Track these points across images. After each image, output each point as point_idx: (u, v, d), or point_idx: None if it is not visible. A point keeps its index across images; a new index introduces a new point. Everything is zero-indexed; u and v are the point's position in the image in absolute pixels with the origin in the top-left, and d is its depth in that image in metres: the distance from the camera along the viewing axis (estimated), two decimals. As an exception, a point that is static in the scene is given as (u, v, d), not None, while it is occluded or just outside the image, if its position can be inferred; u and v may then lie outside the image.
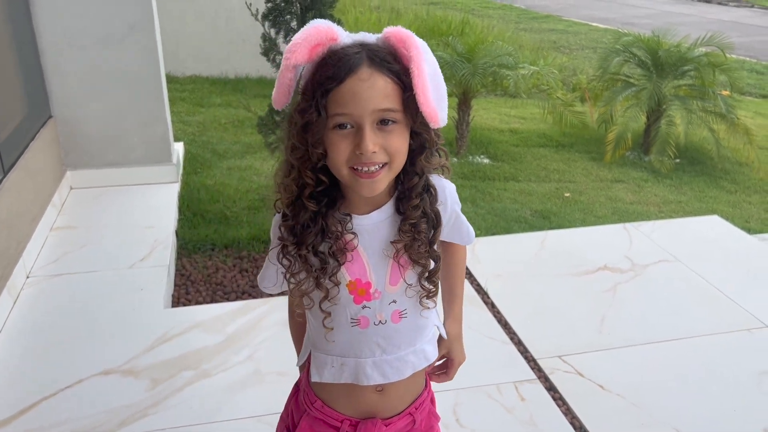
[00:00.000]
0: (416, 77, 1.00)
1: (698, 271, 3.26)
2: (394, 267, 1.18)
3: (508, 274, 3.24)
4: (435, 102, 1.03)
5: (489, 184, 4.68)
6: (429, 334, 1.30)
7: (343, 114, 1.02)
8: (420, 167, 1.12)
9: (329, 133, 1.05)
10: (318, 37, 1.01)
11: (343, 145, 1.04)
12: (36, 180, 3.27)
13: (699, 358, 2.63)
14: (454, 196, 1.25)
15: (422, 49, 1.03)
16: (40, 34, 3.51)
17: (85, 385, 2.27)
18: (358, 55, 1.02)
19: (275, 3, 2.81)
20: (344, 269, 1.16)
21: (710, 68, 5.46)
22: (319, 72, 1.03)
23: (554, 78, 5.63)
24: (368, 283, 1.18)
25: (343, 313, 1.20)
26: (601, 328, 2.81)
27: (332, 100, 1.02)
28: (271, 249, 1.22)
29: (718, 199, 4.66)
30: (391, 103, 1.03)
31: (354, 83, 1.01)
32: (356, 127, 1.03)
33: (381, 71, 1.02)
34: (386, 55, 1.04)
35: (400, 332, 1.23)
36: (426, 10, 12.16)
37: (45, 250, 3.12)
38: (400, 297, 1.20)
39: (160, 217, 3.48)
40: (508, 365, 2.50)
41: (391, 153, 1.06)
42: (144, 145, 3.85)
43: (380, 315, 1.20)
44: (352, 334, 1.22)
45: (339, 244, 1.14)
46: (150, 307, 2.72)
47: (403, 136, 1.07)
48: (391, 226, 1.16)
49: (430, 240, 1.17)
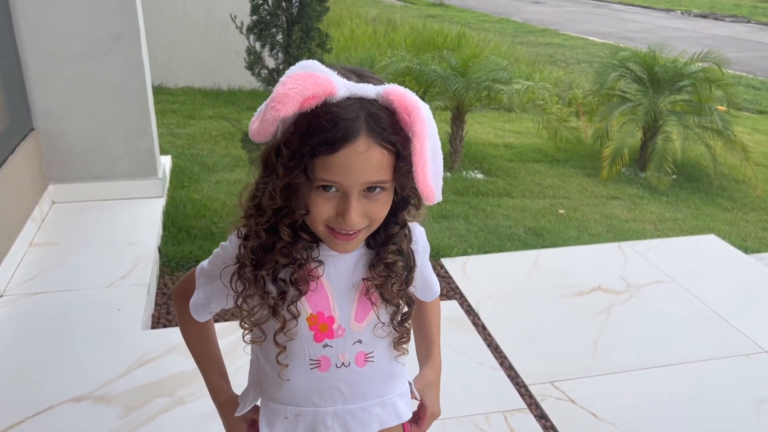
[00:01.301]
0: (417, 155, 0.92)
1: (695, 293, 3.18)
2: (362, 302, 1.08)
3: (499, 294, 3.15)
4: (433, 180, 0.95)
5: (482, 200, 4.60)
6: (401, 387, 1.20)
7: (332, 181, 0.94)
8: (402, 219, 1.06)
9: (312, 192, 0.96)
10: (313, 89, 0.90)
11: (325, 207, 0.96)
12: (15, 194, 3.18)
13: (696, 384, 2.54)
14: (424, 240, 1.18)
15: (427, 121, 0.93)
16: (22, 45, 3.43)
17: (55, 413, 2.16)
18: (356, 121, 0.91)
19: (261, 16, 2.74)
20: (305, 300, 1.06)
21: (707, 84, 5.40)
22: (310, 130, 0.92)
23: (549, 93, 5.57)
24: (331, 317, 1.07)
25: (302, 353, 1.09)
26: (595, 353, 2.73)
27: (321, 165, 0.93)
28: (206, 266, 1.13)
29: (715, 216, 4.58)
30: (384, 175, 0.95)
31: (349, 154, 0.91)
32: (342, 193, 0.95)
33: (379, 143, 0.92)
34: (385, 122, 0.93)
35: (366, 378, 1.13)
36: (423, 23, 12.14)
37: (22, 267, 3.02)
38: (367, 336, 1.10)
39: (143, 233, 3.39)
40: (498, 392, 2.40)
41: (372, 219, 0.99)
42: (129, 158, 3.76)
43: (343, 356, 1.10)
44: (310, 379, 1.11)
45: (302, 272, 1.04)
46: (127, 328, 2.62)
47: (388, 202, 1.00)
48: (359, 258, 1.08)
49: (405, 280, 1.08)
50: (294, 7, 2.79)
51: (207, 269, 1.14)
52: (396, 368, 1.17)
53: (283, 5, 2.72)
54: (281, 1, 2.78)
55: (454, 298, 3.10)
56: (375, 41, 9.59)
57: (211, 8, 6.72)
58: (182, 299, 1.21)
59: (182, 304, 1.21)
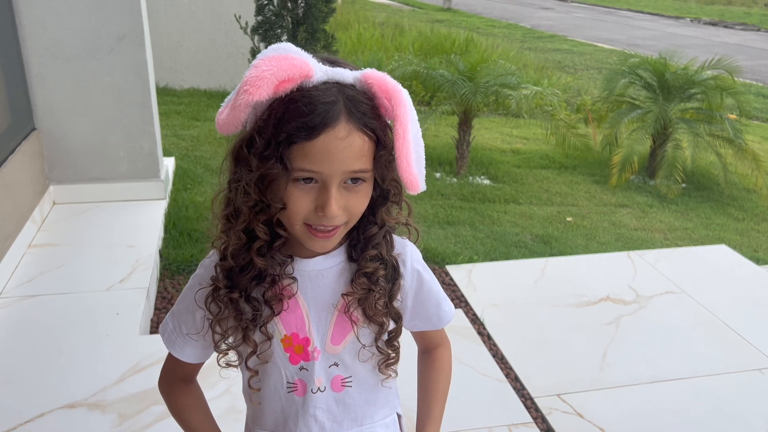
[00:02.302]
0: (400, 140, 0.86)
1: (705, 304, 3.10)
2: (339, 322, 1.00)
3: (505, 303, 3.09)
4: (416, 167, 0.89)
5: (489, 207, 4.53)
6: (386, 416, 1.11)
7: (311, 171, 0.87)
8: (381, 218, 0.98)
9: (289, 185, 0.89)
10: (289, 72, 0.84)
11: (303, 201, 0.89)
12: (14, 194, 3.14)
13: (706, 399, 2.47)
14: (415, 256, 1.08)
15: (408, 106, 0.88)
16: (24, 45, 3.39)
17: (48, 420, 2.11)
18: (335, 106, 0.85)
19: (265, 16, 2.69)
20: (279, 321, 0.99)
21: (718, 91, 5.32)
22: (286, 115, 0.86)
23: (558, 99, 5.50)
24: (306, 338, 1.00)
25: (278, 376, 1.02)
26: (603, 365, 2.66)
27: (299, 152, 0.86)
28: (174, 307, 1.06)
29: (726, 226, 4.50)
30: (365, 164, 0.89)
31: (329, 141, 0.85)
32: (321, 184, 0.88)
33: (359, 128, 0.87)
34: (365, 106, 0.88)
35: (343, 404, 1.05)
36: (430, 27, 12.09)
37: (20, 268, 2.97)
38: (345, 360, 1.02)
39: (144, 236, 3.34)
40: (503, 405, 2.34)
41: (352, 213, 0.92)
42: (131, 160, 3.71)
43: (319, 380, 1.02)
44: (288, 403, 1.04)
45: (275, 290, 0.97)
46: (125, 333, 2.57)
47: (368, 195, 0.93)
48: (339, 274, 1.00)
49: (389, 293, 1.00)
50: (299, 8, 2.74)
51: (175, 307, 1.08)
52: (380, 394, 1.09)
53: (289, 6, 2.67)
54: (287, 2, 2.73)
55: (459, 306, 3.04)
56: (382, 45, 9.54)
57: (217, 9, 6.69)
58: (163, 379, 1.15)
59: (164, 380, 1.15)
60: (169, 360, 1.13)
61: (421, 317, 1.11)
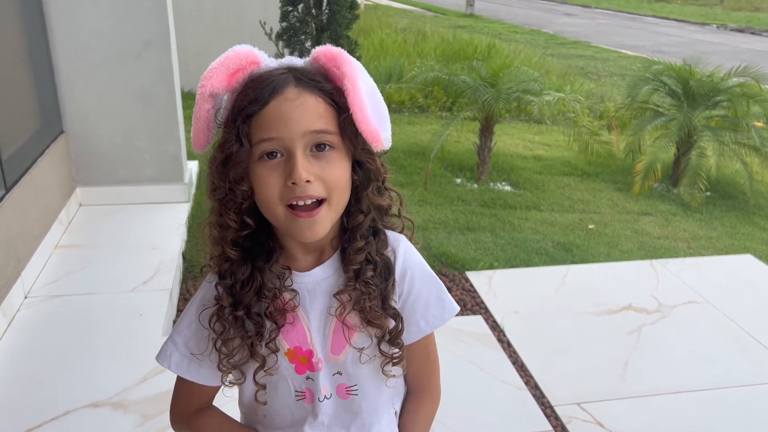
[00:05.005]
0: (351, 94, 0.87)
1: (730, 315, 3.06)
2: (338, 331, 1.00)
3: (526, 310, 3.07)
4: (376, 121, 0.88)
5: (510, 213, 4.52)
6: (387, 413, 1.09)
7: (270, 139, 0.88)
8: (366, 205, 0.96)
9: (255, 167, 0.90)
10: (237, 62, 0.89)
11: (272, 178, 0.89)
12: (43, 196, 3.20)
13: (730, 411, 2.44)
14: (408, 254, 1.02)
15: (356, 65, 0.90)
16: (55, 49, 3.46)
17: (72, 418, 2.15)
18: (283, 76, 0.90)
19: (290, 23, 2.72)
20: (281, 336, 0.99)
21: (744, 99, 5.25)
22: (239, 98, 0.90)
23: (580, 105, 5.47)
24: (310, 351, 1.00)
25: (286, 386, 1.03)
26: (624, 374, 2.63)
27: (256, 126, 0.88)
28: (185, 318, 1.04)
29: (751, 236, 4.44)
30: (325, 124, 0.89)
31: (280, 103, 0.87)
32: (286, 155, 0.88)
33: (310, 90, 0.89)
34: (316, 75, 0.91)
35: (351, 412, 1.05)
36: (453, 33, 12.10)
37: (47, 269, 3.03)
38: (348, 368, 1.02)
39: (168, 238, 3.38)
40: (523, 413, 2.33)
41: (328, 184, 0.90)
42: (156, 163, 3.77)
43: (324, 389, 1.03)
44: (297, 410, 1.04)
45: (277, 304, 0.97)
46: (148, 334, 2.61)
47: (342, 165, 0.92)
48: (335, 284, 0.99)
49: (383, 293, 0.98)
50: (324, 15, 2.77)
51: (176, 333, 1.06)
52: (385, 396, 1.07)
53: (313, 12, 2.70)
54: (311, 8, 2.76)
55: (479, 313, 3.03)
56: (404, 51, 9.56)
57: (241, 15, 6.77)
58: (179, 415, 1.12)
59: (179, 416, 1.12)
60: (181, 392, 1.10)
61: (407, 323, 1.02)
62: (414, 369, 1.08)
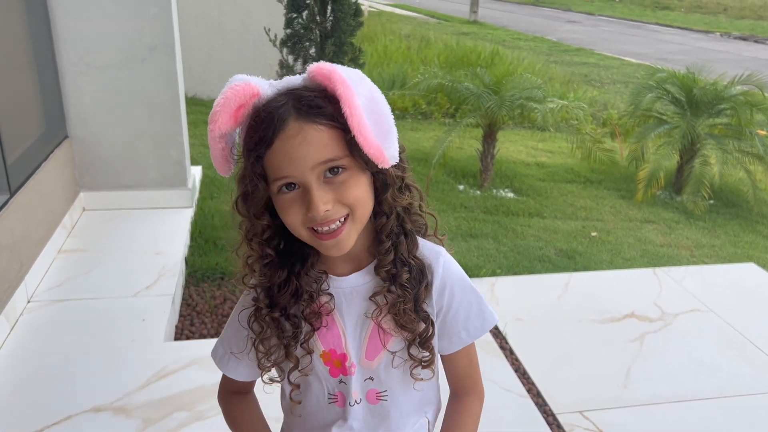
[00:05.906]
0: (350, 118, 0.86)
1: (733, 323, 3.05)
2: (374, 337, 1.02)
3: (528, 317, 3.07)
4: (379, 140, 0.88)
5: (512, 220, 4.52)
6: (414, 422, 1.11)
7: (283, 177, 0.90)
8: (387, 206, 0.97)
9: (277, 198, 0.92)
10: (237, 99, 0.90)
11: (294, 208, 0.91)
12: (46, 200, 3.21)
13: (733, 420, 2.43)
14: (447, 267, 1.05)
15: (350, 82, 0.87)
16: (59, 54, 3.48)
17: (73, 423, 2.15)
18: (283, 109, 0.89)
19: (294, 29, 2.73)
20: (317, 338, 1.02)
21: (747, 107, 5.25)
22: (249, 135, 0.92)
23: (584, 112, 5.47)
24: (344, 354, 1.03)
25: (320, 388, 1.06)
26: (627, 382, 2.63)
27: (268, 164, 0.90)
28: (230, 319, 1.11)
29: (755, 244, 4.43)
30: (333, 152, 0.89)
31: (283, 143, 0.88)
32: (302, 187, 0.90)
33: (311, 121, 0.88)
34: (315, 98, 0.89)
35: (379, 416, 1.07)
36: (456, 40, 12.13)
37: (50, 273, 3.03)
38: (380, 374, 1.04)
39: (171, 244, 3.39)
40: (525, 421, 2.32)
41: (349, 203, 0.91)
42: (159, 168, 3.78)
43: (355, 393, 1.05)
44: (329, 413, 1.07)
45: (313, 307, 1.00)
46: (150, 339, 2.61)
47: (359, 182, 0.92)
48: (372, 290, 1.01)
49: (415, 296, 1.00)
50: (328, 22, 2.78)
51: (224, 333, 1.14)
52: (413, 401, 1.09)
53: (317, 19, 2.71)
54: (315, 15, 2.77)
55: (481, 319, 3.03)
56: (408, 57, 9.59)
57: (246, 21, 6.79)
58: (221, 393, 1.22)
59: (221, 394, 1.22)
60: (224, 377, 1.19)
61: (448, 335, 1.07)
62: (458, 373, 1.13)
